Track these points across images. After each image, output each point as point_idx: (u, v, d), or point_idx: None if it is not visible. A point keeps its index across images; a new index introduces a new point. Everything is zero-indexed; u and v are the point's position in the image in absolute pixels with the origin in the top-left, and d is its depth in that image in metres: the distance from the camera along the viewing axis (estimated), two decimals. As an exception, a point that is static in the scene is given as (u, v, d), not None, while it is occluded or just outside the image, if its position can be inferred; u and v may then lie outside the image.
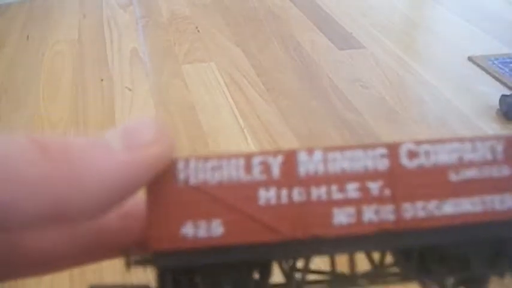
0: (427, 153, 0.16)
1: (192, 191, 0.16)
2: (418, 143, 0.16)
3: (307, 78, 1.24)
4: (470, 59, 1.30)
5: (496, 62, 1.28)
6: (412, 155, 0.16)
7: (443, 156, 0.16)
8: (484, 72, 1.25)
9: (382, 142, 0.16)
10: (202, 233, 0.15)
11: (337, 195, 0.16)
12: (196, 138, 1.04)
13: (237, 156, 0.16)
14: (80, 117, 1.12)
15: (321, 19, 1.55)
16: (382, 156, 0.16)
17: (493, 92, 1.16)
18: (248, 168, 0.16)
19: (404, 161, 0.16)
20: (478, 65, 1.28)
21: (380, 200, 0.16)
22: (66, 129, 1.08)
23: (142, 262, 0.16)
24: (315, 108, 1.13)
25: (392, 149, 0.16)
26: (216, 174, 0.16)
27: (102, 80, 1.26)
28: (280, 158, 0.16)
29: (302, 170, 0.16)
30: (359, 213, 0.16)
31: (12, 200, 0.13)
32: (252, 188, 0.16)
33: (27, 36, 1.49)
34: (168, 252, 0.15)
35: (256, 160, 0.16)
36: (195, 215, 0.15)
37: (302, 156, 0.16)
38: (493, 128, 1.06)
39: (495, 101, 1.11)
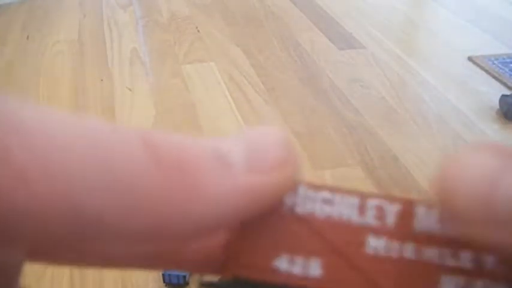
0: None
1: (295, 221, 0.14)
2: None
3: (307, 78, 1.24)
4: (470, 59, 1.30)
5: (496, 62, 1.28)
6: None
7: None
8: (484, 72, 1.25)
9: None
10: (297, 270, 0.13)
11: (449, 261, 0.14)
12: (196, 138, 1.03)
13: (351, 193, 0.14)
14: (80, 117, 1.12)
15: (321, 19, 1.55)
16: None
17: (493, 92, 1.16)
18: (362, 209, 0.14)
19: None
20: (478, 65, 1.28)
21: (493, 275, 0.14)
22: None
23: (215, 286, 0.14)
24: (315, 108, 1.13)
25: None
26: (326, 208, 0.14)
27: (102, 80, 1.26)
28: (397, 206, 0.14)
29: (418, 225, 0.14)
30: (469, 285, 0.14)
31: (112, 211, 0.11)
32: (362, 232, 0.14)
33: (27, 36, 1.49)
34: (249, 281, 0.13)
35: (371, 203, 0.14)
36: (293, 249, 0.14)
37: (420, 210, 0.14)
38: (492, 128, 1.06)
39: (495, 101, 1.11)
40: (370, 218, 0.14)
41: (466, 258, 0.14)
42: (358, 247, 0.14)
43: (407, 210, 0.14)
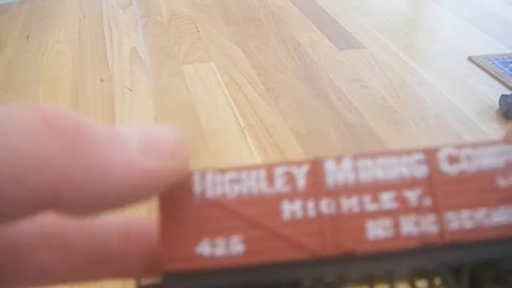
0: (469, 158, 0.15)
1: (209, 206, 0.14)
2: (459, 146, 0.15)
3: (307, 78, 1.24)
4: (470, 59, 1.30)
5: (496, 62, 1.28)
6: (453, 160, 0.15)
7: (488, 160, 0.15)
8: (484, 72, 1.25)
9: (418, 147, 0.15)
10: (220, 251, 0.14)
11: (370, 207, 0.14)
12: (196, 138, 1.04)
13: (257, 167, 0.15)
14: (80, 117, 1.12)
15: (321, 19, 1.55)
16: (419, 162, 0.15)
17: (493, 92, 1.16)
18: (270, 179, 0.15)
19: (445, 166, 0.15)
20: (478, 65, 1.28)
21: (420, 210, 0.14)
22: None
23: (152, 287, 0.14)
24: (315, 108, 1.13)
25: (430, 155, 0.15)
26: (235, 187, 0.14)
27: (102, 80, 1.26)
28: (305, 168, 0.15)
29: (330, 180, 0.15)
30: (396, 225, 0.14)
31: (3, 175, 0.11)
32: (275, 201, 0.14)
33: (27, 36, 1.49)
34: (181, 273, 0.14)
35: (279, 171, 0.15)
36: (212, 232, 0.14)
37: (329, 165, 0.15)
38: (493, 128, 1.06)
39: (495, 101, 1.11)
40: (280, 186, 0.14)
41: (387, 200, 0.14)
42: (274, 216, 0.14)
43: (316, 169, 0.15)
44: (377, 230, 0.14)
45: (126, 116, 1.12)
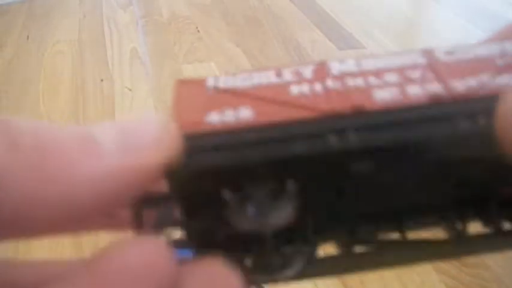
0: (465, 51, 0.16)
1: (220, 92, 0.15)
2: (454, 46, 0.16)
3: (307, 78, 1.24)
4: (470, 59, 1.30)
5: (496, 62, 1.28)
6: (449, 53, 0.16)
7: (483, 50, 0.15)
8: (484, 72, 1.25)
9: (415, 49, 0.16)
10: (229, 118, 0.14)
11: (375, 81, 0.15)
12: (196, 138, 1.04)
13: (265, 69, 0.16)
14: (80, 117, 1.12)
15: (321, 19, 1.55)
16: (418, 55, 0.16)
17: (493, 92, 1.16)
18: (279, 74, 0.16)
19: (443, 57, 0.16)
20: (478, 65, 1.28)
21: (424, 80, 0.15)
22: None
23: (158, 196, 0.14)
24: (315, 108, 1.13)
25: (428, 52, 0.16)
26: (247, 82, 0.16)
27: (102, 80, 1.26)
28: (311, 66, 0.16)
29: (335, 70, 0.16)
30: (403, 90, 0.14)
31: None
32: (283, 85, 0.15)
33: (27, 36, 1.49)
34: (197, 134, 0.14)
35: (286, 70, 0.16)
36: (221, 106, 0.14)
37: (333, 63, 0.16)
38: (493, 128, 1.06)
39: (495, 101, 1.11)
40: (288, 77, 0.16)
41: (391, 77, 0.15)
42: (283, 92, 0.15)
43: (322, 65, 0.16)
44: (384, 94, 0.14)
45: (126, 116, 1.12)
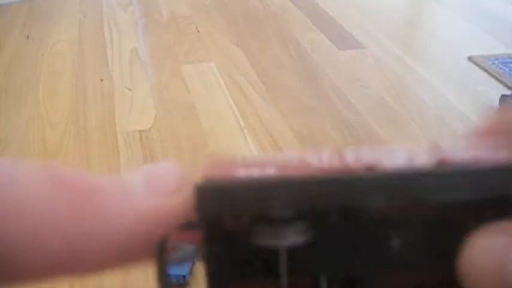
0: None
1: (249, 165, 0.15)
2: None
3: (307, 78, 1.24)
4: (470, 59, 1.30)
5: (496, 62, 1.28)
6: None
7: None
8: (484, 72, 1.25)
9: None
10: (255, 172, 0.15)
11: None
12: (196, 138, 1.04)
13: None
14: (80, 117, 1.12)
15: (321, 19, 1.55)
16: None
17: (493, 92, 1.16)
18: (302, 157, 0.16)
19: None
20: (478, 65, 1.27)
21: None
22: (66, 129, 1.08)
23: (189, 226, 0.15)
24: (315, 108, 1.13)
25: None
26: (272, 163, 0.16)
27: (102, 80, 1.26)
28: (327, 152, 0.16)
29: (354, 162, 0.16)
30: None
31: (14, 235, 0.12)
32: (304, 163, 0.15)
33: (27, 36, 1.49)
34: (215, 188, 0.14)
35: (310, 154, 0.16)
36: (249, 167, 0.15)
37: (348, 151, 0.16)
38: (493, 128, 1.06)
39: (495, 101, 1.11)
40: (310, 158, 0.16)
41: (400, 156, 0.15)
42: (304, 164, 0.15)
43: (336, 152, 0.16)
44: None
45: (126, 116, 1.12)
